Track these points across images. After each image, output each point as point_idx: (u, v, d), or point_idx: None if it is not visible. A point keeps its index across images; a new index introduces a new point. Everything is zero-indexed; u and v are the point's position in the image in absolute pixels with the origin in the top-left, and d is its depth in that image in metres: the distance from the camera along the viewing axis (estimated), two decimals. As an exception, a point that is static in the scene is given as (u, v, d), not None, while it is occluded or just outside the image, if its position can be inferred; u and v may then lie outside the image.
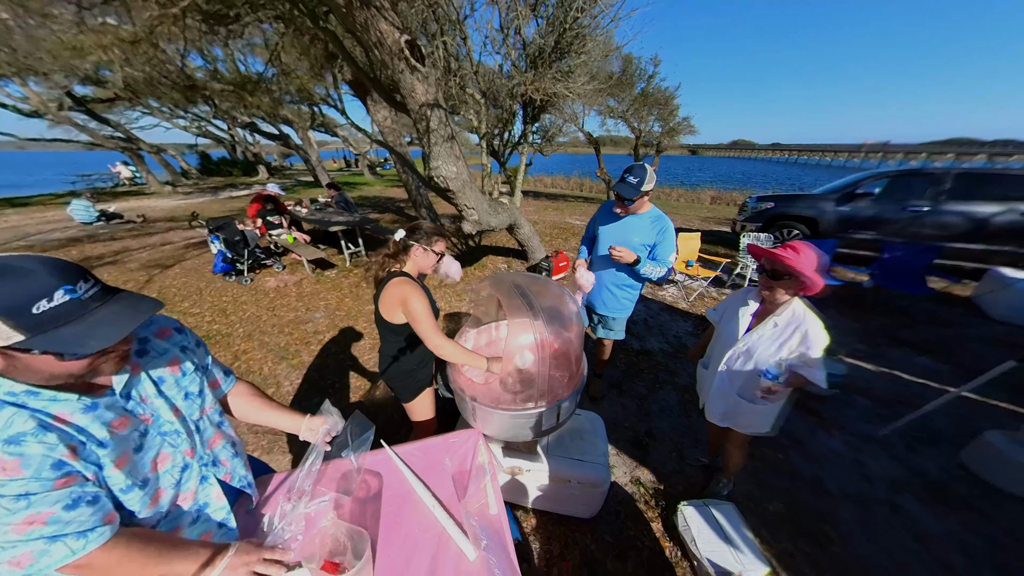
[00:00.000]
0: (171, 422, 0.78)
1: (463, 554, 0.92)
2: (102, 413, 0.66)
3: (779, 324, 1.31)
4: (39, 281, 0.54)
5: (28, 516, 0.55)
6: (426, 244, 1.37)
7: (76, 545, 0.58)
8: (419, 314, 1.27)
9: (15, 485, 0.54)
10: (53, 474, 0.58)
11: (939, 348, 3.26)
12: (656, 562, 1.52)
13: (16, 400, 0.59)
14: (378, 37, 1.69)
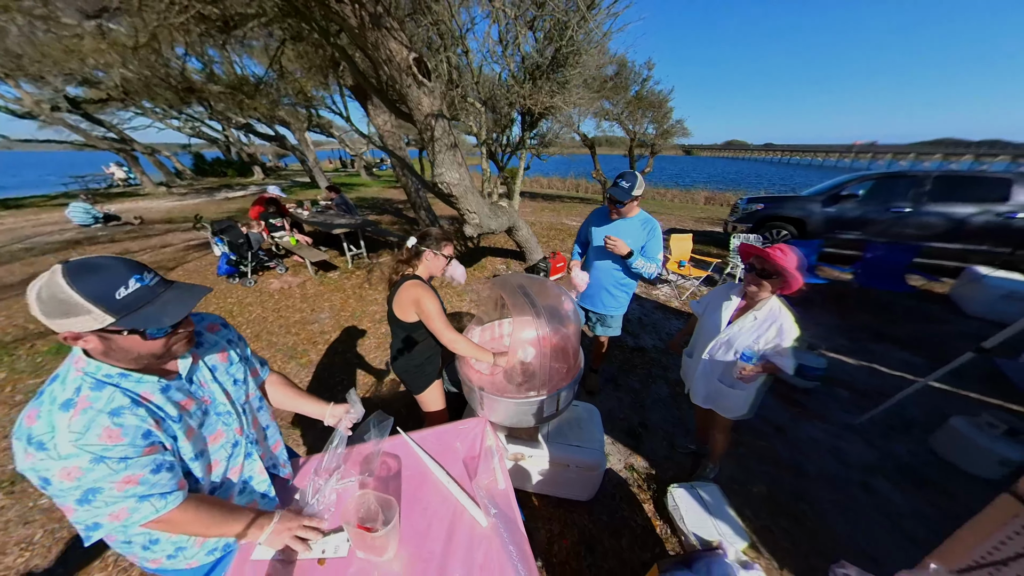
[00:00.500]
0: (224, 404, 0.91)
1: (476, 522, 1.04)
2: (173, 394, 0.79)
3: (758, 318, 1.45)
4: (115, 273, 0.66)
5: (126, 476, 0.67)
6: (436, 249, 1.49)
7: (159, 504, 0.71)
8: (432, 313, 1.39)
9: (118, 450, 0.66)
10: (143, 442, 0.70)
11: (918, 342, 3.44)
12: (648, 538, 1.66)
13: (112, 380, 0.71)
14: (388, 55, 1.81)
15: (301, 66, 7.28)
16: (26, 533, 1.61)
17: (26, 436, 0.64)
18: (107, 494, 0.66)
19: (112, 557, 1.52)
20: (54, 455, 0.62)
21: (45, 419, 0.64)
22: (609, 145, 15.72)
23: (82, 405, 0.65)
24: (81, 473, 0.63)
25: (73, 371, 0.69)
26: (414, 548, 0.97)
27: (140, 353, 0.71)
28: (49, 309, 0.61)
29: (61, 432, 0.63)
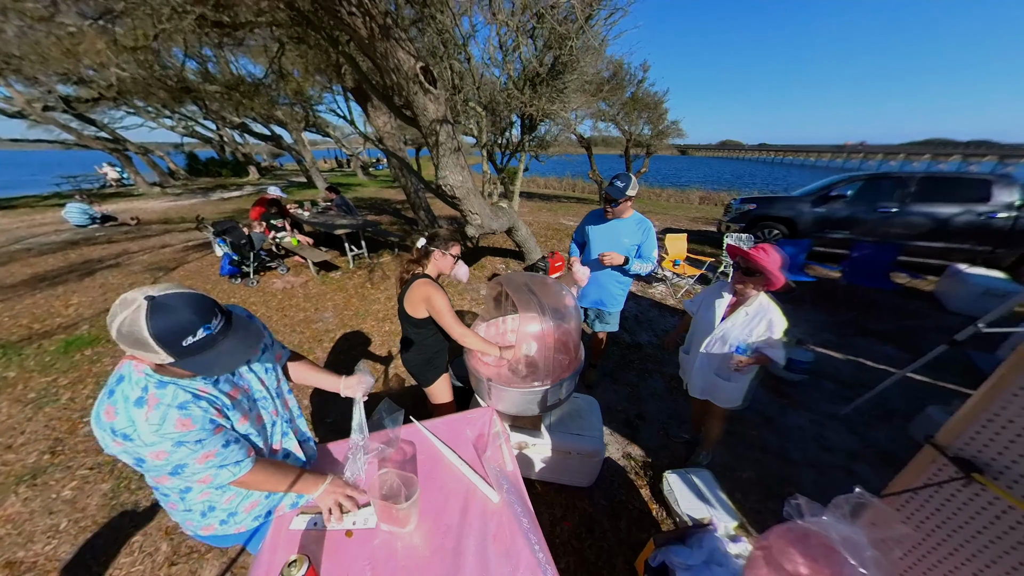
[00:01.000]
0: (261, 390, 1.02)
1: (488, 498, 1.14)
2: (223, 386, 0.90)
3: (749, 313, 1.57)
4: (186, 319, 0.71)
5: (204, 453, 0.79)
6: (444, 249, 1.58)
7: (235, 470, 0.85)
8: (443, 309, 1.49)
9: (192, 435, 0.77)
10: (211, 426, 0.81)
11: (901, 337, 3.59)
12: (645, 520, 1.77)
13: (172, 380, 0.80)
14: (396, 64, 1.89)
15: (300, 67, 7.32)
16: (52, 523, 1.68)
17: (110, 429, 0.72)
18: (192, 468, 0.79)
19: (137, 544, 1.60)
20: (140, 443, 0.72)
21: (124, 416, 0.72)
22: (605, 145, 15.84)
23: (153, 402, 0.74)
24: (167, 455, 0.75)
25: (135, 372, 0.76)
26: (432, 521, 1.07)
27: (187, 380, 0.81)
28: (125, 340, 0.68)
29: (141, 425, 0.72)
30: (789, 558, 0.53)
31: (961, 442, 0.49)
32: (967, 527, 0.48)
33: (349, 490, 1.03)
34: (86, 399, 2.53)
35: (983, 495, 0.46)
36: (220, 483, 0.85)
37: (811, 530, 0.53)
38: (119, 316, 0.68)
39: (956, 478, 0.47)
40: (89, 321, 3.67)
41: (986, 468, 0.45)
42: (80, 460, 2.02)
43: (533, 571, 0.95)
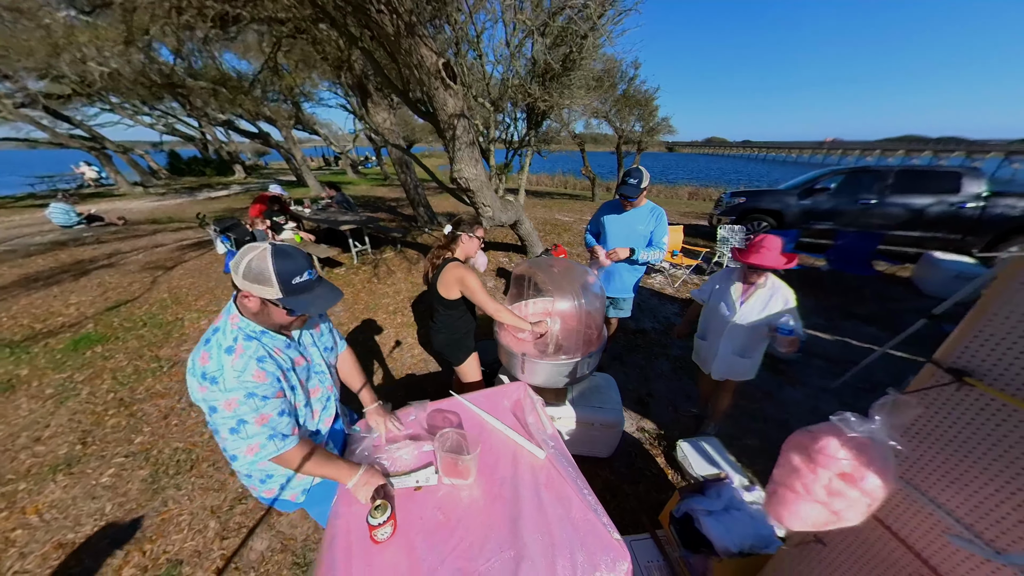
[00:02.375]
0: (320, 364, 1.13)
1: (534, 455, 1.26)
2: (292, 352, 1.00)
3: (762, 295, 1.72)
4: (299, 263, 0.87)
5: (263, 414, 0.87)
6: (470, 232, 1.66)
7: (281, 444, 0.91)
8: (476, 288, 1.59)
9: (262, 388, 0.87)
10: (276, 386, 0.90)
11: (882, 319, 3.86)
12: (662, 483, 1.92)
13: (256, 335, 0.91)
14: (419, 60, 1.97)
15: (291, 63, 7.23)
16: (96, 507, 1.72)
17: (200, 373, 0.83)
18: (250, 427, 0.86)
19: (186, 522, 1.66)
20: (221, 388, 0.82)
21: (215, 360, 0.83)
22: (595, 143, 16.07)
23: (240, 351, 0.85)
24: (237, 405, 0.83)
25: (230, 325, 0.89)
26: (487, 476, 1.18)
27: (277, 322, 0.92)
28: (250, 275, 0.83)
29: (227, 371, 0.83)
30: (824, 451, 0.67)
31: (954, 357, 0.63)
32: (958, 424, 0.62)
33: (380, 480, 1.07)
34: (106, 393, 2.54)
35: (971, 395, 0.60)
36: (264, 456, 0.88)
37: (841, 428, 0.66)
38: (247, 256, 0.83)
39: (951, 382, 0.60)
40: (93, 320, 3.63)
41: (974, 373, 0.59)
42: (113, 450, 2.05)
43: (584, 511, 1.07)
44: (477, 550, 0.95)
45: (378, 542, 0.95)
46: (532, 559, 0.92)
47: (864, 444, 0.64)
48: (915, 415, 0.61)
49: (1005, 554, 0.56)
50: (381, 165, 19.84)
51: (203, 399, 0.83)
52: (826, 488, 0.67)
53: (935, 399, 0.64)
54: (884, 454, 0.61)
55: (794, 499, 0.73)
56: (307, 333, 1.09)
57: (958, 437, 0.62)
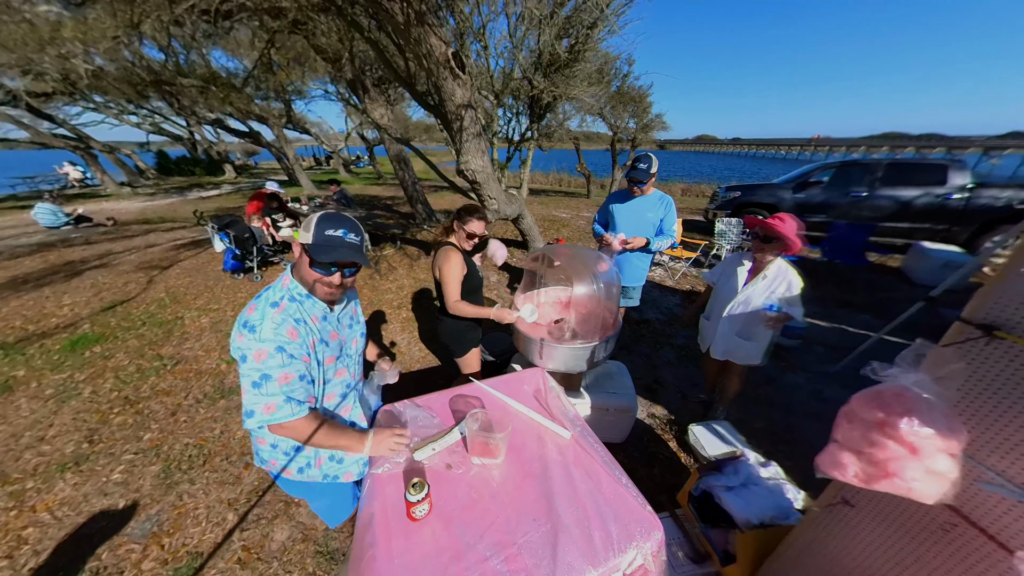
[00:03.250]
0: (351, 348, 1.15)
1: (560, 436, 1.27)
2: (327, 325, 1.03)
3: (768, 277, 1.76)
4: (343, 222, 0.95)
5: (286, 372, 0.90)
6: (460, 223, 1.65)
7: (295, 409, 0.93)
8: (446, 276, 1.61)
9: (293, 346, 0.91)
10: (303, 350, 0.94)
11: (875, 307, 3.97)
12: (676, 466, 1.96)
13: (300, 298, 0.97)
14: (428, 49, 1.96)
15: (282, 60, 7.11)
16: (109, 503, 1.70)
17: (243, 322, 0.89)
18: (271, 384, 0.89)
19: (203, 515, 1.65)
20: (257, 338, 0.87)
21: (260, 310, 0.91)
22: (588, 141, 16.15)
23: (283, 307, 0.93)
24: (267, 357, 0.87)
25: (281, 285, 0.98)
26: (515, 456, 1.19)
27: (302, 274, 0.96)
28: (303, 226, 0.95)
29: (267, 321, 0.89)
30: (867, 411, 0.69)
31: (982, 314, 0.67)
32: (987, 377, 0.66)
33: (395, 433, 1.10)
34: (110, 392, 2.49)
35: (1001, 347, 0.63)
36: (279, 417, 0.90)
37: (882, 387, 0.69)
38: (311, 216, 0.96)
39: (981, 336, 0.64)
40: (89, 320, 3.55)
41: (1003, 327, 0.63)
42: (122, 447, 2.02)
43: (615, 486, 1.09)
44: (514, 524, 0.96)
45: (416, 519, 0.96)
46: (568, 531, 0.94)
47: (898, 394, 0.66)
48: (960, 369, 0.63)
49: None
50: (374, 164, 19.66)
51: (238, 347, 0.89)
52: (861, 435, 0.69)
53: (965, 354, 0.68)
54: (926, 404, 0.64)
55: (833, 448, 0.76)
56: (346, 314, 1.13)
57: (988, 389, 0.65)
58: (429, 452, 1.15)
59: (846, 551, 0.96)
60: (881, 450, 0.71)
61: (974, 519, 0.69)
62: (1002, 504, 0.65)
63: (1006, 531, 0.66)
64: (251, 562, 1.45)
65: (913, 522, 0.80)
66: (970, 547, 0.70)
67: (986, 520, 0.67)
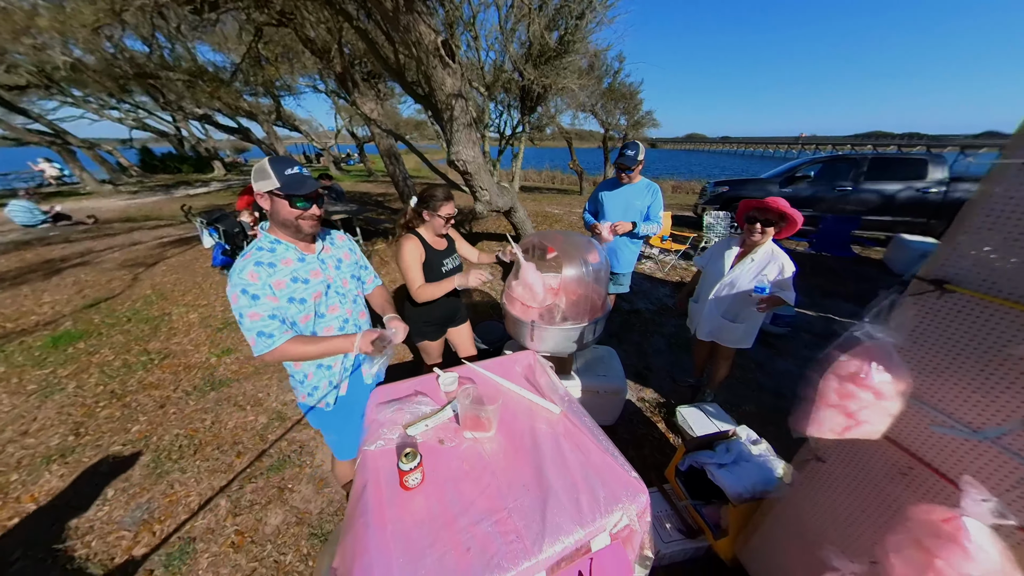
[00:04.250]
0: (342, 287, 1.23)
1: (549, 411, 1.30)
2: (307, 265, 1.12)
3: (755, 260, 1.80)
4: (292, 162, 1.04)
5: (254, 311, 1.00)
6: (432, 210, 1.54)
7: (268, 342, 1.03)
8: (405, 264, 1.52)
9: (252, 288, 1.00)
10: (265, 291, 1.02)
11: (860, 297, 4.09)
12: (665, 447, 2.00)
13: (270, 246, 1.07)
14: (417, 37, 1.96)
15: (271, 54, 6.99)
16: (97, 492, 1.67)
17: (231, 269, 1.03)
18: (245, 321, 1.00)
19: (195, 502, 1.63)
20: (231, 283, 1.00)
21: (239, 260, 1.03)
22: (580, 139, 16.24)
23: (248, 255, 1.04)
24: (237, 299, 0.99)
25: (256, 238, 1.10)
26: (506, 431, 1.21)
27: (287, 216, 1.04)
28: (258, 175, 1.02)
29: (236, 268, 1.01)
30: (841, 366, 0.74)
31: (935, 271, 0.72)
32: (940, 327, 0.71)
33: (380, 335, 1.17)
34: (95, 386, 2.45)
35: (951, 299, 0.68)
36: (257, 350, 1.02)
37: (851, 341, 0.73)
38: (257, 165, 1.03)
39: (933, 289, 0.68)
40: (72, 317, 3.47)
41: (952, 281, 0.68)
42: (109, 439, 1.99)
43: (602, 456, 1.12)
44: (505, 491, 0.99)
45: (409, 488, 0.97)
46: (557, 496, 0.97)
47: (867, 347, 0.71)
48: (909, 316, 0.68)
49: (980, 431, 0.65)
50: (364, 161, 19.48)
51: (227, 291, 1.02)
52: (837, 391, 0.74)
53: (920, 309, 0.72)
54: (885, 351, 0.68)
55: (810, 408, 0.80)
56: (331, 257, 1.21)
57: (940, 339, 0.70)
58: (422, 428, 1.17)
59: (818, 505, 1.01)
60: (853, 400, 0.75)
61: (927, 460, 0.74)
62: (953, 442, 0.70)
63: (955, 468, 0.71)
64: (244, 545, 1.45)
65: (876, 469, 0.85)
66: (925, 486, 0.76)
67: (937, 460, 0.73)
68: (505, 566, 0.80)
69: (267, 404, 2.29)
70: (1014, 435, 0.63)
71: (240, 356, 2.83)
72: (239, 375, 2.59)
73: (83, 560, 1.39)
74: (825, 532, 0.95)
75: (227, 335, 3.14)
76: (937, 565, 0.59)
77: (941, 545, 0.59)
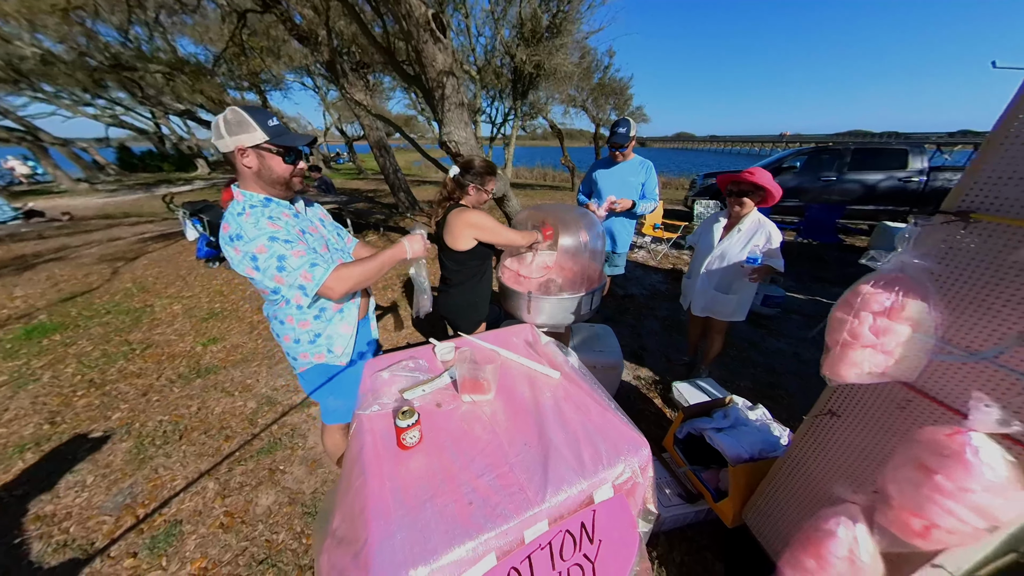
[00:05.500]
0: (336, 243, 1.19)
1: (549, 377, 1.28)
2: (302, 220, 1.06)
3: (743, 230, 1.81)
4: (266, 113, 0.93)
5: (296, 249, 0.94)
6: (479, 183, 1.48)
7: (326, 267, 0.96)
8: (492, 226, 1.45)
9: (281, 233, 0.93)
10: (295, 234, 0.96)
11: (846, 281, 4.11)
12: (662, 421, 2.01)
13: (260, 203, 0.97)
14: (407, 9, 1.92)
15: (258, 47, 6.82)
16: (76, 479, 1.59)
17: (228, 238, 0.91)
18: (290, 260, 0.92)
19: (180, 486, 1.57)
20: (248, 238, 0.89)
21: (233, 223, 0.92)
22: (570, 139, 16.30)
23: (248, 212, 0.94)
24: (267, 248, 0.90)
25: (236, 202, 0.97)
26: (506, 395, 1.19)
27: (279, 172, 0.96)
28: (232, 128, 0.88)
29: (244, 225, 0.91)
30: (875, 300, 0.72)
31: (957, 204, 0.72)
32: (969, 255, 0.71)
33: (420, 235, 1.20)
34: (72, 376, 2.34)
35: (977, 228, 0.69)
36: (319, 277, 0.94)
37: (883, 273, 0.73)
38: (219, 117, 0.89)
39: (960, 220, 0.68)
40: (46, 311, 3.32)
41: (977, 210, 0.68)
42: (87, 427, 1.90)
43: (603, 412, 1.11)
44: (506, 448, 0.96)
45: (407, 447, 0.94)
46: (559, 450, 0.95)
47: (897, 278, 0.70)
48: (939, 238, 0.68)
49: (977, 352, 0.66)
50: (354, 159, 19.19)
51: (241, 258, 0.90)
52: (872, 329, 0.72)
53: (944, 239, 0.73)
54: (919, 280, 0.68)
55: (844, 349, 0.78)
56: (315, 216, 1.16)
57: (957, 269, 0.70)
58: (419, 392, 1.14)
59: (827, 459, 1.01)
60: (890, 335, 0.71)
61: (926, 391, 0.74)
62: (948, 370, 0.71)
63: (952, 394, 0.73)
64: (235, 526, 1.40)
65: (879, 408, 0.85)
66: (924, 416, 0.76)
67: (935, 389, 0.73)
68: (508, 514, 0.78)
69: (256, 390, 2.22)
70: (1011, 352, 0.64)
71: (227, 344, 2.75)
72: (226, 363, 2.51)
73: (60, 546, 1.32)
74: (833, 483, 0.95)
75: (214, 324, 3.04)
76: (936, 481, 0.59)
77: (942, 462, 0.59)
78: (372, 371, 1.26)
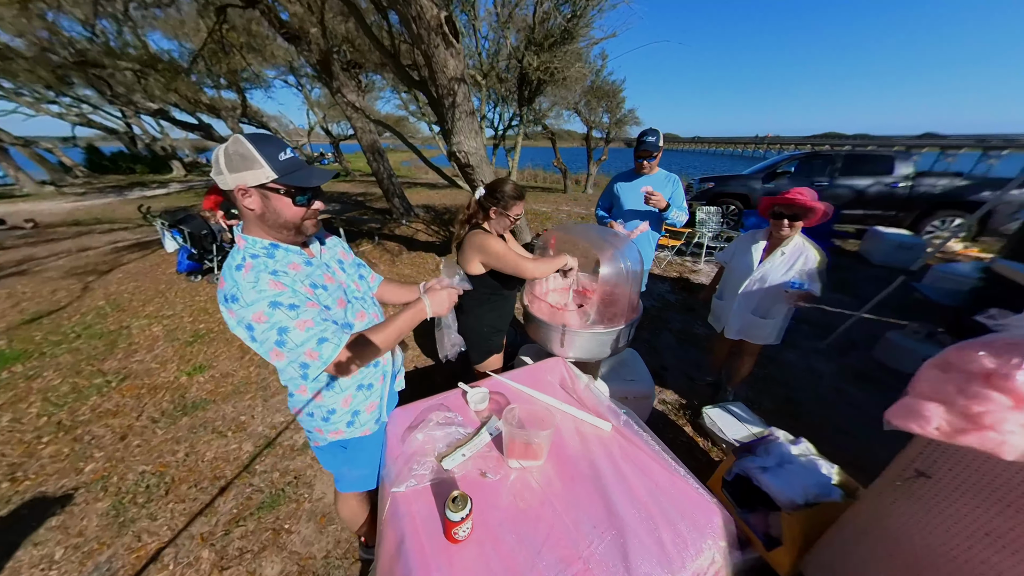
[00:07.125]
0: (356, 291, 1.02)
1: (599, 429, 1.15)
2: (316, 269, 0.90)
3: (786, 253, 1.73)
4: (277, 141, 0.78)
5: (301, 320, 0.77)
6: (502, 207, 1.39)
7: (336, 341, 0.81)
8: (499, 252, 1.34)
9: (285, 296, 0.77)
10: (303, 296, 0.80)
11: (844, 287, 4.21)
12: (695, 451, 1.91)
13: (265, 251, 0.82)
14: (418, 11, 1.75)
15: (238, 42, 6.45)
16: (42, 553, 1.36)
17: (223, 297, 0.77)
18: (293, 334, 0.77)
19: (169, 556, 1.37)
20: (244, 303, 0.75)
21: (228, 280, 0.77)
22: (560, 139, 16.32)
23: (249, 266, 0.78)
24: (266, 317, 0.75)
25: (237, 249, 0.82)
26: (556, 455, 1.05)
27: (287, 216, 0.81)
28: (233, 163, 0.73)
29: (242, 284, 0.76)
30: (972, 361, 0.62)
31: None
32: None
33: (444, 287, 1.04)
34: (36, 418, 2.07)
35: None
36: (326, 357, 0.81)
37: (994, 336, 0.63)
38: (220, 148, 0.75)
39: None
40: (6, 336, 2.99)
41: None
42: (55, 482, 1.66)
43: (669, 476, 0.99)
44: (574, 534, 0.83)
45: (457, 541, 0.79)
46: (637, 535, 0.82)
47: (1013, 344, 0.60)
48: None
49: None
50: (340, 161, 18.67)
51: (236, 324, 0.77)
52: (956, 387, 0.62)
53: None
54: None
55: (912, 401, 0.68)
56: (331, 259, 0.99)
57: None
58: (459, 459, 0.99)
59: (918, 527, 0.91)
60: (981, 402, 0.65)
61: None
62: None
63: None
64: (236, 606, 1.21)
65: (1006, 489, 0.75)
66: None
67: None
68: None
69: (252, 428, 2.01)
70: None
71: (216, 373, 2.51)
72: (216, 395, 2.28)
73: (25, 645, 1.11)
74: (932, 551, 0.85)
75: (199, 349, 2.79)
76: None
77: None
78: (398, 429, 1.11)
